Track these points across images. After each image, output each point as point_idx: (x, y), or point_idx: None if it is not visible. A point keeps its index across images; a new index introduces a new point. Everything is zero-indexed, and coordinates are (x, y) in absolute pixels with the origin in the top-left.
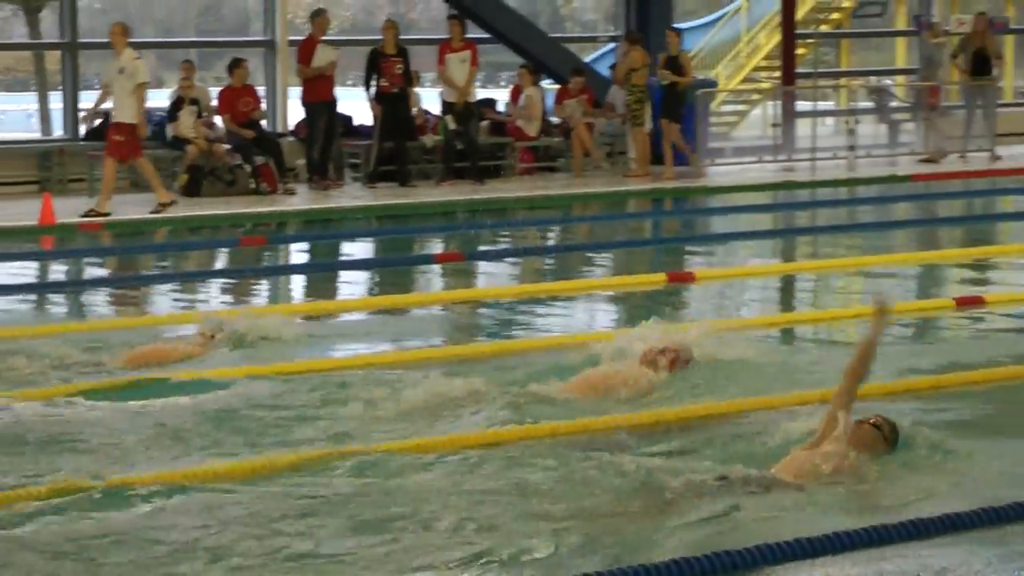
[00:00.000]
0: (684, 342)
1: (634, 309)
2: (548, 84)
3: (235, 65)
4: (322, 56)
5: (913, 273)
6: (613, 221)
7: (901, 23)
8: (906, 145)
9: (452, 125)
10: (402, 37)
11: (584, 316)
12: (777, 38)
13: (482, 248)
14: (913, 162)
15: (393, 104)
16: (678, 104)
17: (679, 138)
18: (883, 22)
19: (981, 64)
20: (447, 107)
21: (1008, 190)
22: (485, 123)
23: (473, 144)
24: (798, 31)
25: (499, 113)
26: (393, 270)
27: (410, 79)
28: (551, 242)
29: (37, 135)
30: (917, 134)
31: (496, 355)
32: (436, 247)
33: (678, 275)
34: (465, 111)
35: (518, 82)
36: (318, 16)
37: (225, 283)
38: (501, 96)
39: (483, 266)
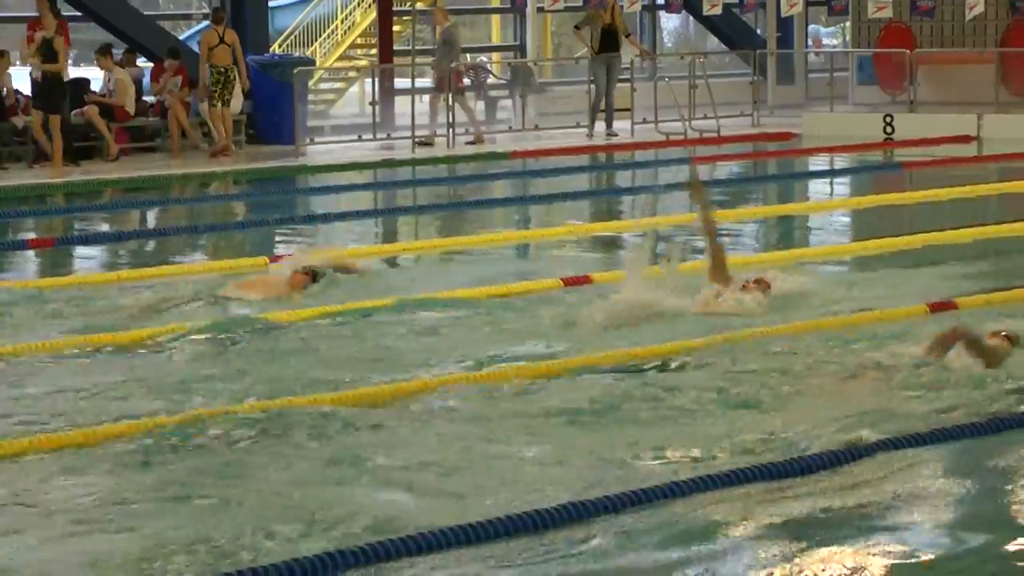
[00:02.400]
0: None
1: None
2: (144, 62)
3: None
4: None
5: (516, 252)
6: (212, 203)
7: (497, 0)
8: (503, 122)
9: None
10: None
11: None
12: (373, 15)
13: (76, 232)
14: (511, 138)
15: None
16: (54, 93)
17: (55, 128)
18: None
19: (609, 41)
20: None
21: (614, 165)
22: (93, 106)
23: (66, 124)
24: (394, 8)
25: (95, 92)
26: None
27: None
28: (148, 225)
29: None
30: (514, 110)
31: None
32: (28, 232)
33: (280, 258)
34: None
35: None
36: None
37: None
38: (97, 75)
39: (78, 251)
